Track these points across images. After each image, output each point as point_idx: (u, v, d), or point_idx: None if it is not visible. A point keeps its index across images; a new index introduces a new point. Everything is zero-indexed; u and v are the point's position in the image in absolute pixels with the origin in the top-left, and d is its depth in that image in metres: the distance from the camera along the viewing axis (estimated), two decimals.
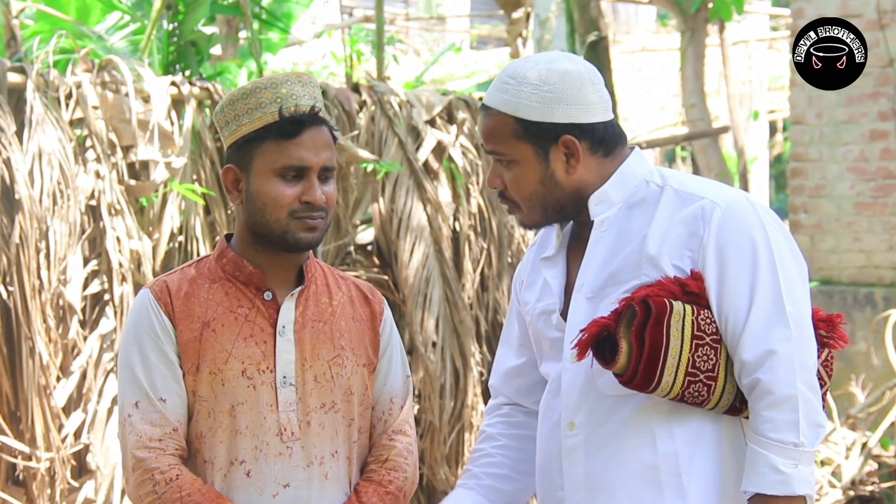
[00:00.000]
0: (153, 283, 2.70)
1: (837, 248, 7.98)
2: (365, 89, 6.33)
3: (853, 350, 7.69)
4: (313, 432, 2.65)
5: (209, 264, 2.73)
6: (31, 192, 4.99)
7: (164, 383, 2.62)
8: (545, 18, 10.96)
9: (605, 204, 2.69)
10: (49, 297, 5.01)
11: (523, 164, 2.68)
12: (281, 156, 2.61)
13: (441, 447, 6.20)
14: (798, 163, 8.15)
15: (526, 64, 2.70)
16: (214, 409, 2.62)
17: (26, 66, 5.22)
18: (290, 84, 2.65)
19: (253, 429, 2.62)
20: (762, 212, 2.67)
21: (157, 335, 2.64)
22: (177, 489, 2.56)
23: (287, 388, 2.64)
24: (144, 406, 2.61)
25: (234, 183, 2.68)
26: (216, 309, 2.65)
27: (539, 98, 2.65)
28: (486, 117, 2.71)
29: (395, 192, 6.24)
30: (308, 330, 2.68)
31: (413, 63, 14.43)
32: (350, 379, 2.71)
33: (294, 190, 2.62)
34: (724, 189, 2.70)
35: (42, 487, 5.02)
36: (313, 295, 2.72)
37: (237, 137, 2.65)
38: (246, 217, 2.67)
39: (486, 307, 6.58)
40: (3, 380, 4.96)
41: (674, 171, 2.79)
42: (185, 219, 5.50)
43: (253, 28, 7.05)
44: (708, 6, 9.83)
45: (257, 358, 2.64)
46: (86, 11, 7.52)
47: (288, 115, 2.61)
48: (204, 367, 2.62)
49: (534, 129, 2.66)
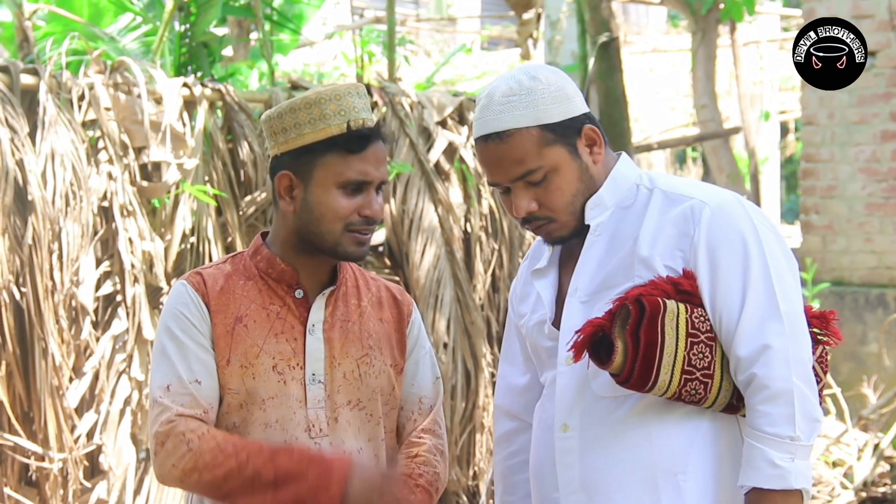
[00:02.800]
0: (189, 276, 2.74)
1: (849, 249, 7.96)
2: (376, 90, 6.33)
3: (865, 351, 7.68)
4: (341, 429, 2.68)
5: (244, 261, 2.76)
6: (43, 193, 5.00)
7: (200, 367, 2.65)
8: (556, 19, 10.96)
9: (600, 208, 2.70)
10: (62, 298, 5.03)
11: (562, 168, 2.67)
12: (346, 169, 2.63)
13: (452, 448, 6.20)
14: (809, 163, 8.14)
15: (512, 79, 2.69)
16: (246, 402, 2.65)
17: (39, 68, 5.23)
18: (350, 96, 2.67)
19: (283, 423, 2.65)
20: (751, 210, 2.67)
21: (194, 323, 2.67)
22: (210, 438, 2.57)
23: (316, 385, 2.68)
24: (176, 388, 2.63)
25: (289, 189, 2.69)
26: (249, 305, 2.69)
27: (552, 99, 2.66)
28: (501, 144, 2.66)
29: (406, 194, 6.24)
30: (337, 329, 2.72)
31: (424, 64, 14.44)
32: (377, 378, 2.74)
33: (353, 203, 2.65)
34: (712, 189, 2.71)
35: (55, 488, 5.03)
36: (343, 296, 2.76)
37: (297, 146, 2.66)
38: (297, 224, 2.69)
39: (496, 308, 6.59)
40: (17, 380, 4.97)
41: (661, 174, 2.81)
42: (197, 220, 5.51)
43: (264, 29, 7.06)
44: (719, 7, 9.82)
45: (288, 354, 2.67)
46: (98, 13, 7.54)
47: (356, 128, 2.64)
48: (235, 360, 2.65)
49: (559, 130, 2.66)
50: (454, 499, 6.37)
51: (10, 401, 4.97)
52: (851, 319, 7.74)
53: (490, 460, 6.45)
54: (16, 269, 4.95)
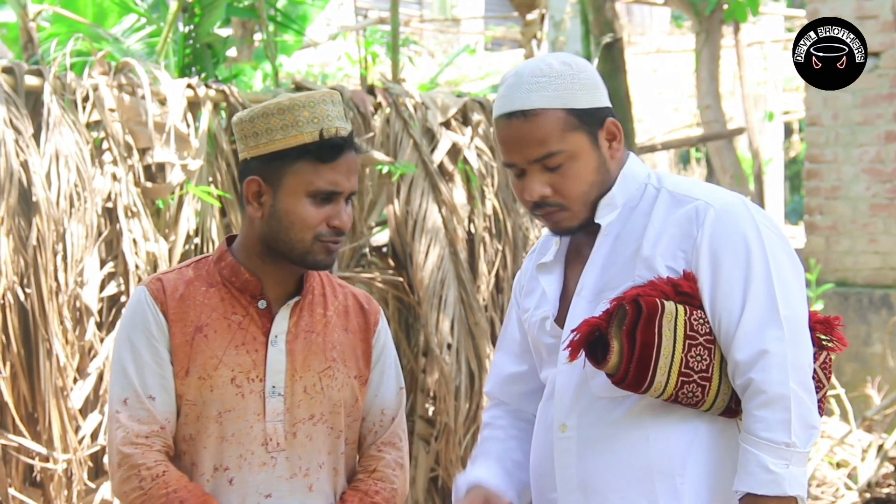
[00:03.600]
0: (150, 281, 2.69)
1: (853, 250, 7.96)
2: (380, 91, 6.33)
3: (869, 352, 7.67)
4: (299, 443, 2.64)
5: (208, 266, 2.71)
6: (48, 194, 5.01)
7: (154, 381, 2.60)
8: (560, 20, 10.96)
9: (610, 207, 2.67)
10: (66, 299, 5.03)
11: (582, 156, 2.63)
12: (317, 178, 2.58)
13: (456, 449, 6.20)
14: (813, 164, 8.14)
15: (542, 62, 2.65)
16: (202, 413, 2.61)
17: (43, 69, 5.24)
18: (325, 104, 2.61)
19: (239, 437, 2.61)
20: (757, 213, 2.65)
21: (152, 333, 2.63)
22: (163, 485, 2.55)
23: (275, 398, 2.63)
24: (133, 403, 2.60)
25: (257, 195, 2.63)
26: (210, 314, 2.64)
27: (581, 85, 2.62)
28: (525, 122, 2.61)
29: (410, 194, 6.24)
30: (300, 341, 2.67)
31: (427, 65, 14.45)
32: (340, 391, 2.69)
33: (322, 213, 2.59)
34: (718, 191, 2.68)
35: (59, 489, 5.04)
36: (308, 305, 2.70)
37: (267, 151, 2.61)
38: (264, 231, 2.63)
39: (500, 309, 6.58)
40: (21, 381, 4.98)
41: (669, 174, 2.77)
42: (201, 221, 5.52)
43: (268, 30, 7.07)
44: (723, 7, 9.82)
45: (247, 366, 2.63)
46: (102, 14, 7.54)
47: (328, 136, 2.59)
48: (193, 371, 2.61)
49: (584, 117, 2.62)
50: None
51: (15, 401, 4.98)
52: (855, 320, 7.74)
53: None
54: (20, 269, 4.96)
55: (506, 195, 6.60)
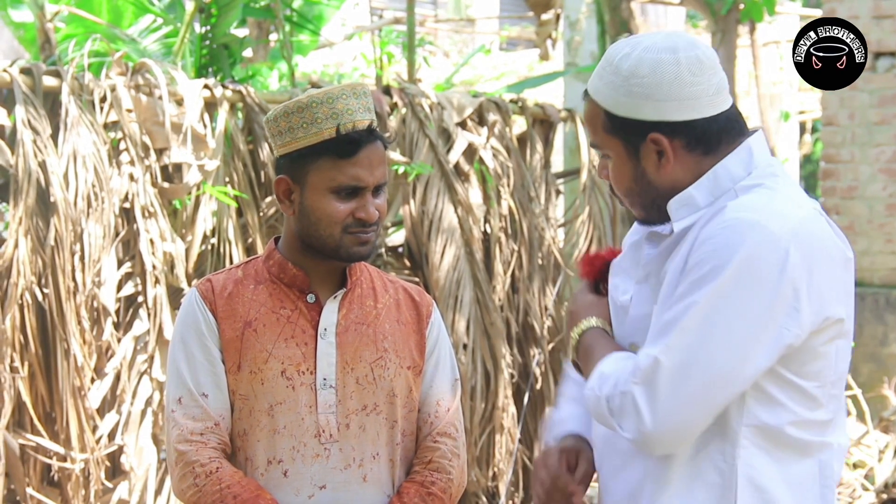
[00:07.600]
0: (201, 283, 2.75)
1: (870, 250, 7.94)
2: (396, 91, 6.34)
3: (886, 352, 7.65)
4: (352, 434, 2.67)
5: (257, 266, 2.76)
6: (66, 194, 5.03)
7: (207, 379, 2.66)
8: (575, 20, 10.94)
9: (688, 208, 2.36)
10: (84, 298, 5.05)
11: (616, 160, 2.42)
12: (338, 174, 2.62)
13: (472, 449, 6.21)
14: (830, 164, 8.12)
15: (625, 48, 2.40)
16: (254, 407, 2.65)
17: (61, 70, 5.26)
18: (345, 98, 2.64)
19: (291, 429, 2.65)
20: (782, 250, 2.23)
21: (202, 332, 2.68)
22: (217, 481, 2.59)
23: (327, 391, 2.67)
24: (187, 401, 2.65)
25: (287, 193, 2.68)
26: (259, 309, 2.69)
27: (626, 92, 2.36)
28: (585, 103, 2.46)
29: (426, 195, 6.25)
30: (351, 332, 2.70)
31: (443, 65, 14.45)
32: (393, 381, 2.72)
33: (348, 206, 2.63)
34: (764, 210, 2.29)
35: (77, 488, 5.06)
36: (358, 298, 2.74)
37: (291, 150, 2.65)
38: (298, 227, 2.69)
39: (516, 309, 6.59)
40: (39, 381, 5.00)
41: (760, 184, 2.36)
42: (218, 221, 5.53)
43: (284, 30, 7.09)
44: (739, 7, 9.80)
45: (297, 359, 2.67)
46: (118, 14, 7.57)
47: (346, 132, 2.61)
48: (245, 366, 2.66)
49: (620, 125, 2.38)
50: (474, 500, 6.38)
51: (33, 401, 5.00)
52: (872, 320, 7.72)
53: (509, 461, 6.45)
54: (38, 270, 4.98)
55: (521, 195, 6.60)
